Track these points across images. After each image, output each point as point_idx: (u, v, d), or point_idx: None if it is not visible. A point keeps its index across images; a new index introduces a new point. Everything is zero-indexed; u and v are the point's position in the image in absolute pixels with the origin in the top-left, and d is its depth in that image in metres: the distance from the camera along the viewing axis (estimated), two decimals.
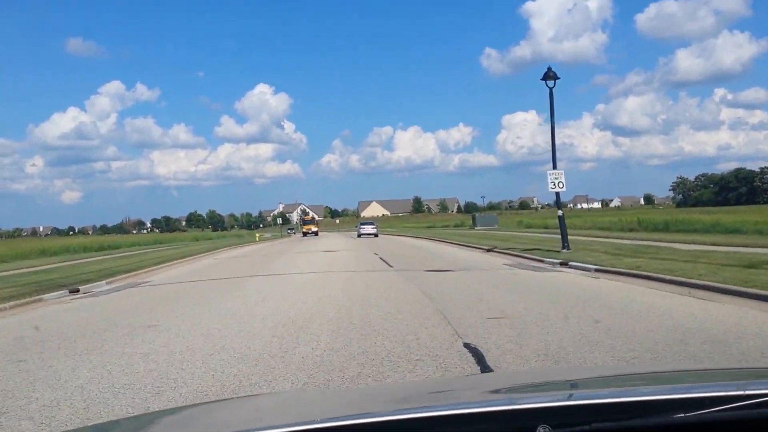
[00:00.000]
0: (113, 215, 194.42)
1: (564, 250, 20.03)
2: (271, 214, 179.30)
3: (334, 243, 40.79)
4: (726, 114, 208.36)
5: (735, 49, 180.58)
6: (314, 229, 68.87)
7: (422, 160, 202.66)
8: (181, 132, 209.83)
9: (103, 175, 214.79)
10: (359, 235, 49.86)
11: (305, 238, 61.37)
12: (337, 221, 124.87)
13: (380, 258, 21.89)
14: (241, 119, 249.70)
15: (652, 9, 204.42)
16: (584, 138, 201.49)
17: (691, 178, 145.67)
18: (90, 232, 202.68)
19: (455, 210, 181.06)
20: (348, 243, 40.03)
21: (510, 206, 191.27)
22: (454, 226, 78.10)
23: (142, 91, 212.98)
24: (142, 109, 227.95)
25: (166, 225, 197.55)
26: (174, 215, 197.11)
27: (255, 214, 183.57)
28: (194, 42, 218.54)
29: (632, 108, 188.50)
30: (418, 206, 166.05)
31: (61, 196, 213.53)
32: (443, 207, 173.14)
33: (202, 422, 1.50)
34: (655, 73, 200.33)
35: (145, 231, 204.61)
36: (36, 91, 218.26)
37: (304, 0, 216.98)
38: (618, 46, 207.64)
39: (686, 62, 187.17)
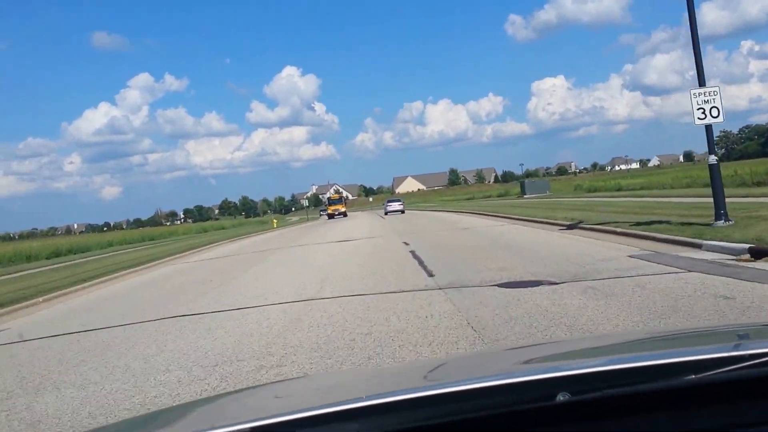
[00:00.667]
0: (153, 207, 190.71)
1: (720, 223, 11.67)
2: (305, 197, 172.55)
3: (358, 226, 32.95)
4: (755, 66, 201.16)
5: None
6: (341, 209, 59.92)
7: (455, 133, 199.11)
8: (213, 120, 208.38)
9: (141, 168, 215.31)
10: (386, 213, 49.58)
11: (332, 220, 53.68)
12: (371, 199, 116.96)
13: (411, 253, 13.84)
14: (271, 103, 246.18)
15: None
16: (614, 100, 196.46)
17: (735, 130, 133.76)
18: (124, 227, 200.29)
19: (492, 180, 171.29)
20: (374, 225, 32.14)
21: (547, 173, 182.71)
22: (498, 196, 69.29)
23: (171, 82, 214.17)
24: (172, 100, 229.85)
25: (198, 214, 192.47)
26: (212, 204, 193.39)
27: (289, 197, 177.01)
28: (218, 28, 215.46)
29: (660, 66, 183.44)
30: (454, 178, 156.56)
31: (102, 192, 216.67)
32: (480, 178, 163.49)
33: (238, 412, 1.41)
34: (681, 29, 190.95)
35: (178, 222, 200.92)
36: (65, 88, 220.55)
37: None
38: (642, 2, 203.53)
39: (712, 15, 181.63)
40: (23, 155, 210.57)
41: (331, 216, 59.17)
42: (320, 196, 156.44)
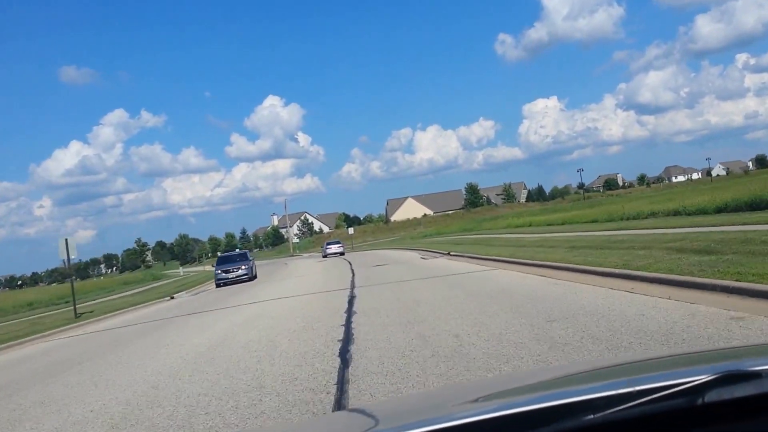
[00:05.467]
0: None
1: None
2: (265, 231, 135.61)
3: None
4: (750, 80, 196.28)
5: (756, 9, 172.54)
6: None
7: (445, 161, 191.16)
8: (191, 156, 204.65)
9: (115, 209, 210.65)
10: (324, 256, 49.55)
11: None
12: (351, 231, 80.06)
13: None
14: (252, 136, 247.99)
15: None
16: (608, 120, 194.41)
17: None
18: (43, 281, 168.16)
19: (524, 198, 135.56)
20: None
21: (585, 189, 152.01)
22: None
23: (147, 118, 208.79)
24: (148, 136, 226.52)
25: (129, 261, 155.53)
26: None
27: (239, 233, 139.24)
28: (196, 58, 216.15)
29: (654, 84, 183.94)
30: (474, 198, 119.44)
31: (75, 236, 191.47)
32: (509, 195, 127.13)
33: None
34: (675, 44, 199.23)
35: (110, 271, 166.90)
36: (33, 127, 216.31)
37: (306, 3, 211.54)
38: (635, 18, 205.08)
39: (706, 28, 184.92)
40: None
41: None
42: (281, 230, 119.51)
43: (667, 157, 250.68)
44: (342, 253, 49.52)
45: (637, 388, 1.15)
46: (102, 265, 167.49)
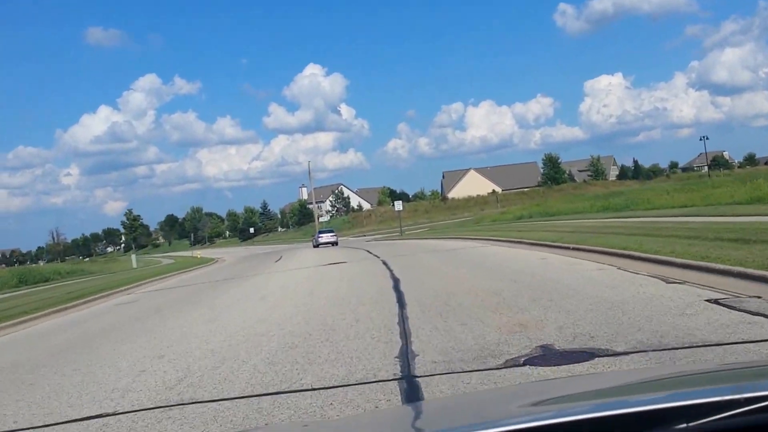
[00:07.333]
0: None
1: None
2: (291, 206, 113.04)
3: None
4: None
5: None
6: None
7: (499, 139, 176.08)
8: (227, 126, 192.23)
9: (147, 180, 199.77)
10: (316, 245, 43.97)
11: None
12: (400, 207, 56.80)
13: None
14: (292, 107, 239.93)
15: None
16: (679, 100, 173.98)
17: None
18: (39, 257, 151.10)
19: (614, 176, 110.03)
20: None
21: (688, 168, 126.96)
22: None
23: (181, 85, 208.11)
24: (182, 104, 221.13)
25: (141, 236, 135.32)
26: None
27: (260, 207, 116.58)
28: (232, 22, 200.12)
29: (731, 62, 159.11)
30: (554, 173, 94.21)
31: (104, 208, 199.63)
32: (598, 172, 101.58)
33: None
34: (755, 19, 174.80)
35: (116, 249, 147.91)
36: (59, 90, 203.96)
37: None
38: None
39: None
40: (14, 167, 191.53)
41: None
42: (309, 206, 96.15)
43: (741, 141, 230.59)
44: (335, 243, 44.25)
45: (745, 395, 1.09)
46: (104, 242, 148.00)
